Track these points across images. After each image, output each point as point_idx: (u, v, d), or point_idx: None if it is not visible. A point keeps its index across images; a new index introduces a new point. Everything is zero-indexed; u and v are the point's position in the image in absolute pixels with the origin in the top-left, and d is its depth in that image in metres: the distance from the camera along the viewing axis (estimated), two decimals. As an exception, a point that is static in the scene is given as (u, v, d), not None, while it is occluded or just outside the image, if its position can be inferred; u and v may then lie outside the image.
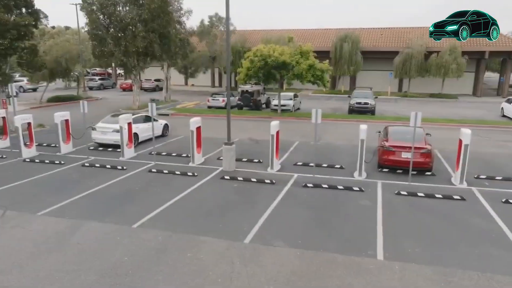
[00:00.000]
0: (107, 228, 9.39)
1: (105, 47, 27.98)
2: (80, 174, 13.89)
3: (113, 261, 7.85)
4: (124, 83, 49.26)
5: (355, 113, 28.71)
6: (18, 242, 8.61)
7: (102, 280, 7.15)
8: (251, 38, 49.47)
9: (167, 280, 7.16)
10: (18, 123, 15.92)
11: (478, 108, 34.39)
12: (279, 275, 7.34)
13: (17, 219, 9.88)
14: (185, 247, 8.44)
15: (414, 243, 8.68)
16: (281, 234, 9.10)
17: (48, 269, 7.52)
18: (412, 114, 12.56)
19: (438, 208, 10.78)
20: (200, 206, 10.93)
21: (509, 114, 27.39)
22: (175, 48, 31.59)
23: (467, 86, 44.84)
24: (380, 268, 7.58)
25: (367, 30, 47.60)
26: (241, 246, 8.51)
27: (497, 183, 12.97)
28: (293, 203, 11.17)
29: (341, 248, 8.43)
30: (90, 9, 27.86)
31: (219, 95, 32.47)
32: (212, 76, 53.25)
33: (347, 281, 7.13)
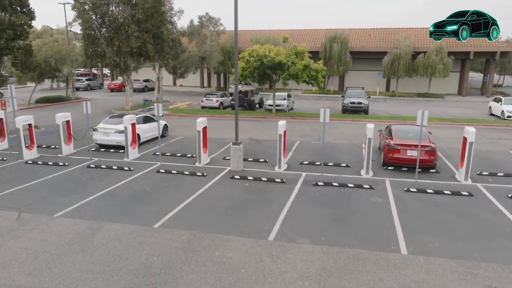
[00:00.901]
0: (128, 228, 9.35)
1: (98, 47, 27.62)
2: (87, 175, 13.74)
3: (142, 261, 7.85)
4: (112, 84, 48.68)
5: (348, 112, 29.13)
6: (41, 244, 8.51)
7: (136, 280, 7.15)
8: (241, 39, 49.53)
9: (202, 279, 7.21)
10: (19, 125, 15.61)
11: (465, 107, 35.31)
12: (310, 271, 7.48)
13: (34, 221, 9.75)
14: (211, 246, 8.49)
15: (432, 238, 8.95)
16: (302, 232, 9.24)
17: (78, 270, 7.47)
18: (419, 112, 12.89)
19: (448, 204, 11.11)
20: (216, 205, 10.98)
21: (497, 112, 28.23)
22: (168, 48, 31.45)
23: (452, 86, 45.98)
24: (407, 262, 7.80)
25: (356, 31, 48.27)
26: (266, 244, 8.61)
27: (500, 179, 13.42)
28: (307, 201, 11.33)
29: (364, 244, 8.63)
30: (82, 9, 27.48)
31: (213, 95, 32.45)
32: (201, 76, 53.09)
33: (378, 275, 7.32)
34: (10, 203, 11.01)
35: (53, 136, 20.47)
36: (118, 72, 30.06)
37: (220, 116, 28.45)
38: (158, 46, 29.55)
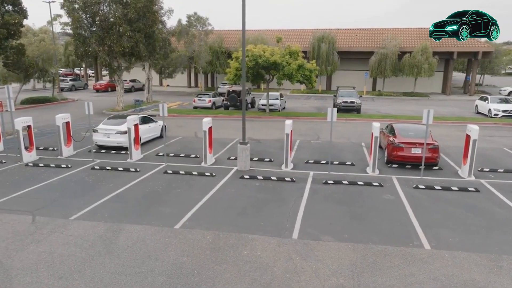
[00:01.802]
0: (149, 230, 9.29)
1: (89, 47, 27.14)
2: (93, 177, 13.53)
3: (172, 262, 7.82)
4: (98, 84, 47.86)
5: (341, 111, 29.45)
6: (64, 247, 8.37)
7: (171, 281, 7.12)
8: (228, 38, 49.51)
9: (237, 278, 7.24)
10: (19, 126, 15.24)
11: (451, 105, 36.24)
12: (341, 268, 7.61)
13: (50, 224, 9.56)
14: (237, 246, 8.53)
15: (450, 232, 9.22)
16: (323, 229, 9.37)
17: (109, 273, 7.39)
18: (424, 111, 13.19)
19: (457, 199, 11.45)
20: (232, 205, 11.00)
21: (483, 111, 29.11)
22: (158, 48, 31.18)
23: (436, 85, 47.11)
24: (432, 257, 8.02)
25: (342, 31, 48.87)
26: (291, 242, 8.70)
27: (501, 175, 13.89)
28: (321, 199, 11.47)
29: (386, 240, 8.82)
30: (72, 8, 26.96)
31: (205, 95, 32.34)
32: (188, 76, 52.77)
33: (408, 270, 7.51)
34: (21, 206, 10.76)
35: (48, 137, 20.12)
36: (109, 72, 29.52)
37: (214, 116, 28.25)
38: (150, 46, 29.27)
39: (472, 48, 42.41)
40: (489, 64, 50.05)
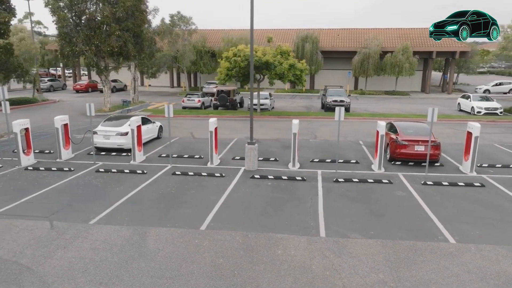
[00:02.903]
0: (176, 232, 9.20)
1: (75, 47, 26.43)
2: (100, 180, 13.23)
3: (209, 263, 7.79)
4: (78, 84, 46.68)
5: (330, 110, 29.86)
6: (94, 253, 8.18)
7: (215, 283, 7.10)
8: (211, 38, 49.26)
9: (279, 277, 7.29)
10: (17, 129, 14.71)
11: (432, 103, 37.27)
12: (378, 264, 7.78)
13: (71, 229, 9.31)
14: (269, 245, 8.57)
15: (470, 226, 9.57)
16: (348, 227, 9.53)
17: (149, 277, 7.29)
18: (429, 110, 13.58)
19: (466, 194, 11.87)
20: (251, 205, 11.02)
21: (466, 108, 30.17)
22: (146, 47, 30.74)
23: (416, 84, 48.45)
24: (460, 250, 8.31)
25: (325, 31, 49.48)
26: (321, 240, 8.82)
27: (499, 170, 14.48)
28: (337, 197, 11.64)
29: (412, 235, 9.06)
30: (57, 6, 26.19)
31: (194, 95, 32.09)
32: (171, 76, 52.16)
33: (441, 264, 7.76)
34: (33, 211, 10.43)
35: (40, 140, 19.55)
36: (96, 72, 28.84)
37: (205, 116, 28.17)
38: (138, 45, 28.80)
39: (450, 48, 43.84)
40: (465, 63, 51.82)
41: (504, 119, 26.73)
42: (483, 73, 64.14)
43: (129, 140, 16.71)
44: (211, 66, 47.16)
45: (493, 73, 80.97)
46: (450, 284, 7.05)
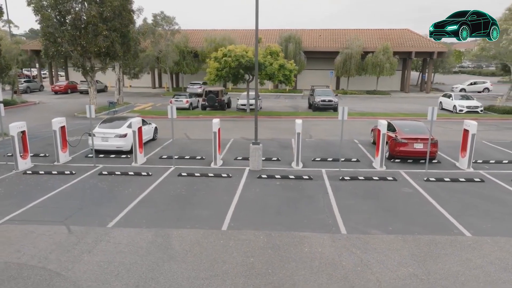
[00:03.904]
0: (198, 233, 9.19)
1: (61, 47, 25.75)
2: (106, 183, 13.02)
3: (241, 263, 7.84)
4: (57, 86, 45.40)
5: (319, 110, 30.31)
6: (121, 256, 8.08)
7: (252, 282, 7.17)
8: (193, 38, 48.98)
9: (313, 274, 7.43)
10: (14, 132, 14.26)
11: (414, 102, 38.43)
12: (404, 258, 8.03)
13: (90, 233, 9.15)
14: (295, 243, 8.70)
15: (480, 220, 9.99)
16: (366, 223, 9.78)
17: (184, 278, 7.28)
18: (429, 109, 14.06)
19: (468, 189, 12.37)
20: (265, 204, 11.11)
21: (448, 107, 31.23)
22: (133, 48, 30.28)
23: (395, 83, 49.69)
24: (478, 243, 8.69)
25: (307, 31, 50.02)
26: (344, 237, 9.01)
27: (493, 165, 15.13)
28: (346, 195, 11.89)
29: (428, 230, 9.39)
30: (41, 5, 25.46)
31: (182, 96, 31.86)
32: (152, 76, 51.48)
33: (464, 256, 8.10)
34: (46, 216, 10.19)
35: (30, 143, 18.91)
36: (82, 73, 28.15)
37: (195, 117, 28.10)
38: (124, 45, 28.34)
39: (428, 48, 45.24)
40: (441, 63, 53.53)
41: (485, 117, 27.84)
42: (456, 73, 66.42)
43: (128, 142, 16.54)
44: (194, 67, 46.90)
45: (464, 73, 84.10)
46: (477, 275, 7.38)
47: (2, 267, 7.66)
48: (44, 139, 19.78)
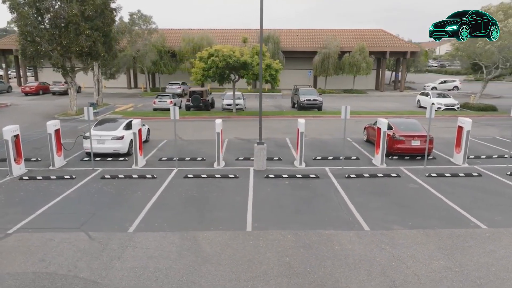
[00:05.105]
0: (224, 235, 9.13)
1: (40, 47, 24.71)
2: (111, 187, 12.67)
3: (277, 263, 7.86)
4: (28, 87, 43.48)
5: (304, 109, 30.65)
6: (154, 261, 7.91)
7: (295, 281, 7.21)
8: (170, 38, 48.25)
9: (352, 271, 7.56)
10: (8, 136, 13.60)
11: (392, 101, 39.54)
12: (433, 252, 8.31)
13: (113, 239, 8.90)
14: (324, 242, 8.80)
15: (489, 212, 10.46)
16: (385, 219, 10.03)
17: (226, 280, 7.23)
18: (428, 107, 14.55)
19: (468, 184, 12.91)
20: (281, 204, 11.18)
21: (426, 105, 32.14)
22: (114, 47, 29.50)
23: (371, 83, 50.92)
24: (495, 235, 9.11)
25: (284, 31, 50.36)
26: (369, 234, 9.21)
27: (485, 160, 15.84)
28: (357, 192, 12.13)
29: (445, 224, 9.75)
30: (16, 3, 24.34)
31: (166, 96, 31.34)
32: (128, 77, 50.31)
33: (487, 248, 8.47)
34: (59, 223, 9.81)
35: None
36: (62, 73, 27.11)
37: (182, 118, 27.52)
38: (106, 45, 27.55)
39: (402, 48, 46.70)
40: (413, 62, 55.34)
41: (462, 114, 29.04)
42: (423, 72, 68.89)
43: (125, 144, 16.17)
44: (172, 67, 46.22)
45: (430, 72, 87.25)
46: (506, 265, 7.75)
47: (31, 277, 7.32)
48: (30, 143, 18.97)
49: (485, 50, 26.97)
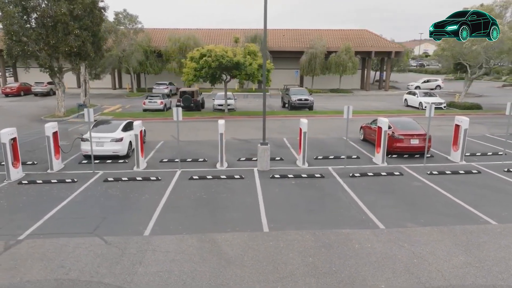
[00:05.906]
0: (243, 236, 9.09)
1: (27, 46, 24.01)
2: (116, 189, 12.44)
3: (301, 263, 7.89)
4: (8, 87, 42.19)
5: (295, 109, 30.78)
6: (177, 264, 7.81)
7: (324, 281, 7.24)
8: (156, 37, 47.71)
9: (377, 269, 7.64)
10: (5, 139, 13.17)
11: (379, 100, 40.12)
12: (450, 248, 8.49)
13: (130, 243, 8.74)
14: (342, 240, 8.88)
15: (494, 208, 10.74)
16: (398, 217, 10.20)
17: (255, 282, 7.20)
18: (427, 106, 14.83)
19: (470, 181, 13.24)
20: (292, 203, 11.22)
21: (414, 104, 33.00)
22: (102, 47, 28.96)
23: (356, 82, 51.57)
24: (506, 230, 9.38)
25: (271, 31, 50.32)
26: (385, 232, 9.34)
27: (481, 158, 16.26)
28: (364, 191, 12.27)
29: (456, 220, 9.97)
30: (2, 1, 23.62)
31: (156, 97, 30.95)
32: (112, 77, 49.44)
33: (501, 243, 8.71)
34: (71, 228, 9.58)
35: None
36: (49, 74, 26.41)
37: (170, 118, 27.36)
38: (94, 45, 27.01)
39: (387, 48, 47.47)
40: (397, 62, 56.35)
41: (449, 112, 29.74)
42: (405, 71, 70.27)
43: (125, 146, 15.93)
44: (158, 67, 45.70)
45: (411, 71, 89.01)
46: (523, 260, 7.99)
47: (53, 285, 7.13)
48: (21, 146, 18.16)
49: (472, 50, 27.68)
